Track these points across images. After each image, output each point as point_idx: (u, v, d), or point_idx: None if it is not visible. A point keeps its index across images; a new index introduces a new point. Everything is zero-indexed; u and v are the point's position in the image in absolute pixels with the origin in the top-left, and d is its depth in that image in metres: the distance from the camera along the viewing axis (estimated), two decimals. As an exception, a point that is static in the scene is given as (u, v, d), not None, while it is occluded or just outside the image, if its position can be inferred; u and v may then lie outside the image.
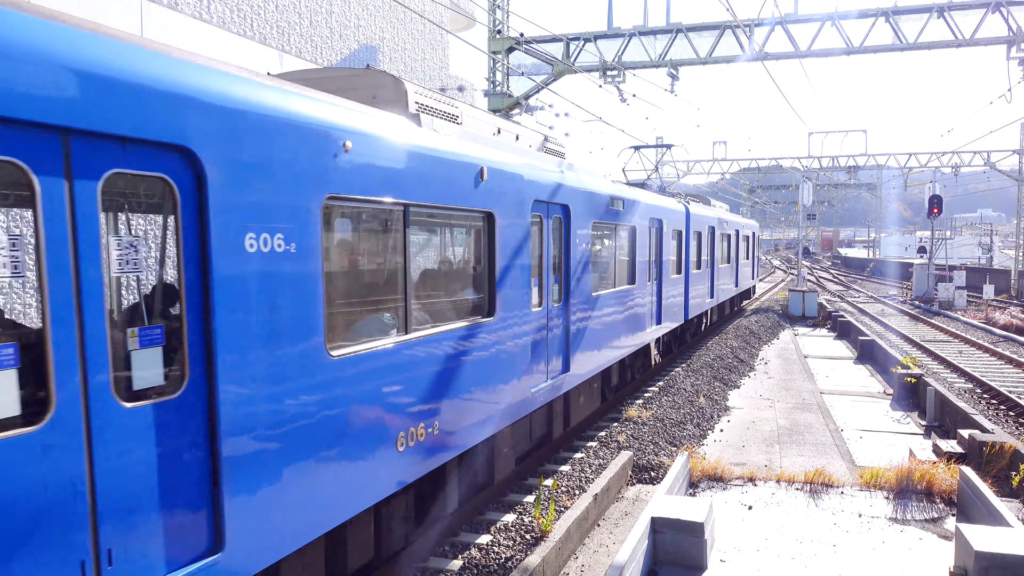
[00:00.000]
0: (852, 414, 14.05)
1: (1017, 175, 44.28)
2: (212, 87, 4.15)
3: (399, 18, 19.02)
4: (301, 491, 4.80)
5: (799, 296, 31.27)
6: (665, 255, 16.17)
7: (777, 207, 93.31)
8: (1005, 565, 6.41)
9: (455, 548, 7.69)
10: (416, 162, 6.13)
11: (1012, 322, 27.97)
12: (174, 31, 11.81)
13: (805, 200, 39.93)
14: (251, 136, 4.37)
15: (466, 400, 7.15)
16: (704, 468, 9.91)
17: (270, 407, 4.54)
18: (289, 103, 4.76)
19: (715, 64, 22.78)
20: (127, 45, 3.76)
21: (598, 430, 12.51)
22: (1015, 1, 20.34)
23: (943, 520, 8.53)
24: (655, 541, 7.28)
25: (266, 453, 4.52)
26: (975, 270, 51.55)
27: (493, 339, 7.67)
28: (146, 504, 3.76)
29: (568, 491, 9.26)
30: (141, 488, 3.74)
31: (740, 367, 18.36)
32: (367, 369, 5.50)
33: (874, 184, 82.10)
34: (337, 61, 16.40)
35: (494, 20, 22.93)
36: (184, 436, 4.00)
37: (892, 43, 21.38)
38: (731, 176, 62.69)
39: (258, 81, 4.63)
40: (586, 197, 10.59)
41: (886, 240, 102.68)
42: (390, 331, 6.06)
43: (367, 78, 7.07)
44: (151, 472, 3.79)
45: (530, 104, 22.65)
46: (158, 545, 3.83)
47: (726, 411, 14.09)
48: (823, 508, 8.88)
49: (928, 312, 33.62)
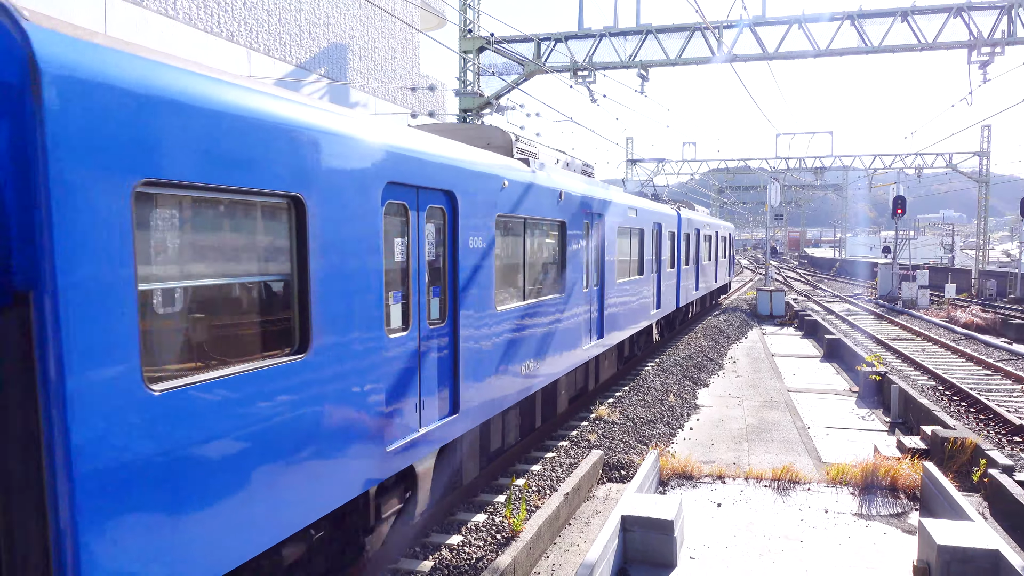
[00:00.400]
0: (819, 411, 14.26)
1: (978, 176, 45.27)
2: (465, 158, 7.80)
3: (369, 16, 18.89)
4: (497, 386, 8.59)
5: (767, 295, 31.67)
6: (663, 253, 19.20)
7: (745, 207, 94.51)
8: (966, 558, 6.54)
9: (426, 549, 7.66)
10: (530, 191, 9.63)
11: (973, 320, 28.58)
12: (138, 27, 11.61)
13: (773, 201, 40.41)
14: (471, 182, 7.81)
15: (557, 344, 10.80)
16: (674, 466, 9.98)
17: (482, 335, 8.15)
18: (488, 160, 8.44)
19: (684, 65, 22.98)
20: (442, 144, 7.38)
21: (569, 429, 12.54)
22: (976, 6, 20.80)
23: (907, 515, 8.69)
24: (625, 539, 7.32)
25: (481, 361, 8.16)
26: (937, 270, 52.61)
27: (567, 309, 11.28)
28: (437, 380, 7.20)
29: (539, 491, 9.27)
30: (434, 370, 7.14)
31: (709, 366, 18.53)
32: (513, 316, 9.10)
33: (840, 185, 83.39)
34: (307, 59, 16.25)
35: (465, 19, 22.88)
36: (446, 347, 7.39)
37: (857, 46, 21.75)
38: (700, 177, 63.27)
39: (475, 150, 8.33)
40: (614, 208, 13.88)
41: (852, 240, 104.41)
42: (516, 298, 9.56)
43: (484, 130, 10.36)
44: (436, 364, 7.18)
45: (501, 104, 22.64)
46: (442, 401, 7.33)
47: (695, 409, 14.21)
48: (790, 504, 9.00)
49: (892, 311, 34.22)
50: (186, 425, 4.06)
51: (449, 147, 7.55)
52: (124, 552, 3.71)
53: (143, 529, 3.82)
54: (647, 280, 17.28)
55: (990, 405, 14.20)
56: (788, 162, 51.16)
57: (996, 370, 18.58)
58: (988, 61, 21.06)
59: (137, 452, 3.76)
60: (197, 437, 4.14)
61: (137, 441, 3.76)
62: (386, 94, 19.78)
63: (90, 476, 3.50)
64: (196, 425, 4.13)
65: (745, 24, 21.97)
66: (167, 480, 3.95)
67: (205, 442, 4.20)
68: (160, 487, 3.91)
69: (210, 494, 4.24)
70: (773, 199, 40.18)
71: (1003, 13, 20.64)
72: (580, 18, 23.69)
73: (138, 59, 3.90)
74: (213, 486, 4.27)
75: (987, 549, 6.55)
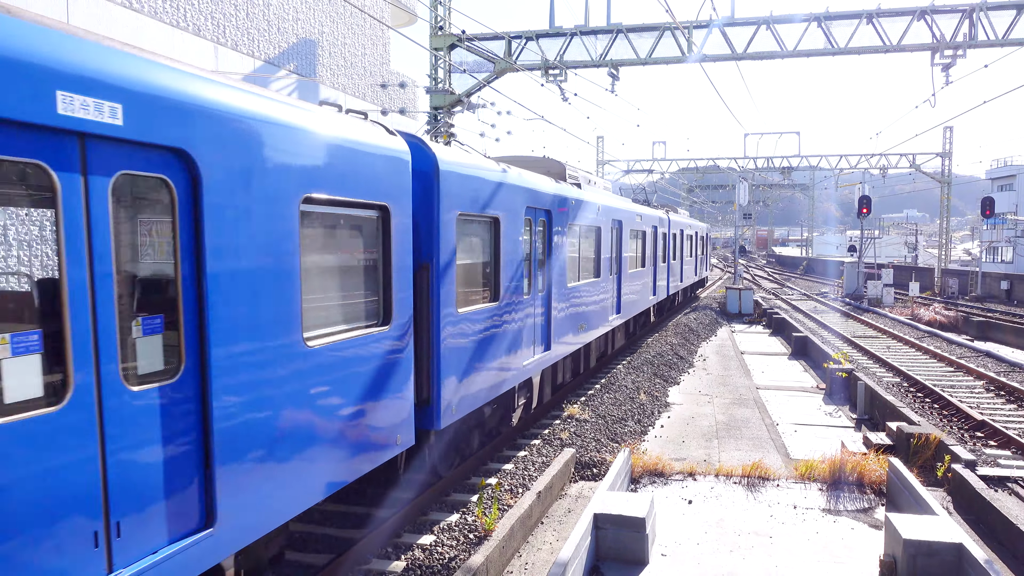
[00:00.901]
0: (787, 408, 14.43)
1: (940, 177, 46.17)
2: (568, 194, 12.55)
3: (339, 12, 18.71)
4: (564, 337, 12.56)
5: (736, 294, 32.00)
6: (658, 249, 22.95)
7: (714, 206, 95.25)
8: (931, 552, 6.66)
9: (398, 549, 7.60)
10: (583, 206, 13.67)
11: (936, 318, 29.16)
12: (101, 20, 11.37)
13: (741, 200, 40.86)
14: (561, 202, 12.08)
15: (596, 316, 15.12)
16: (645, 464, 10.03)
17: (560, 304, 12.16)
18: (570, 192, 12.72)
19: (655, 65, 23.11)
20: (545, 181, 11.66)
21: (541, 428, 12.54)
22: (939, 9, 21.20)
23: (873, 510, 8.82)
24: (598, 537, 7.33)
25: (560, 319, 12.28)
26: (902, 268, 53.61)
27: (601, 291, 15.43)
28: (541, 331, 11.53)
29: (511, 489, 9.26)
30: (540, 324, 11.38)
31: (680, 364, 18.67)
32: (575, 291, 13.28)
33: (807, 185, 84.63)
34: (275, 55, 16.05)
35: (435, 16, 22.78)
36: (543, 313, 11.46)
37: (824, 47, 22.05)
38: (670, 176, 63.75)
39: (563, 185, 12.49)
40: (628, 215, 17.96)
41: (818, 239, 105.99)
42: (573, 280, 13.29)
43: (544, 161, 13.87)
44: (541, 320, 11.48)
45: (472, 102, 22.57)
46: (541, 345, 11.65)
47: (666, 407, 14.30)
48: (760, 501, 9.09)
49: (858, 309, 34.78)
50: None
51: (548, 183, 11.78)
52: (454, 373, 8.26)
53: (463, 366, 8.51)
54: (647, 271, 21.25)
55: (953, 401, 14.49)
56: (756, 162, 51.79)
57: (959, 367, 18.96)
58: (951, 63, 21.49)
59: (457, 336, 8.30)
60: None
61: (455, 328, 8.24)
62: (356, 91, 19.61)
63: (447, 344, 8.00)
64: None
65: (715, 25, 22.16)
66: (484, 344, 9.12)
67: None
68: (482, 349, 9.05)
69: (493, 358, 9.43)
70: (742, 198, 40.64)
71: (965, 16, 21.07)
72: (551, 16, 23.71)
73: (463, 157, 8.53)
74: (492, 352, 9.35)
75: (951, 543, 6.67)
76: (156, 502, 4.19)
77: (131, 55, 4.11)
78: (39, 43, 3.55)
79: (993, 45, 21.08)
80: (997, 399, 15.37)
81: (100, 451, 3.83)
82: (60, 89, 3.56)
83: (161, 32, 12.63)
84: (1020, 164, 73.66)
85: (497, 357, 9.55)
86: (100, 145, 3.80)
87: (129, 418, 4.01)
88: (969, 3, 20.98)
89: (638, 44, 22.97)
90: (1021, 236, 55.33)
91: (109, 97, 3.81)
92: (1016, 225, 61.39)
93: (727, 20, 22.19)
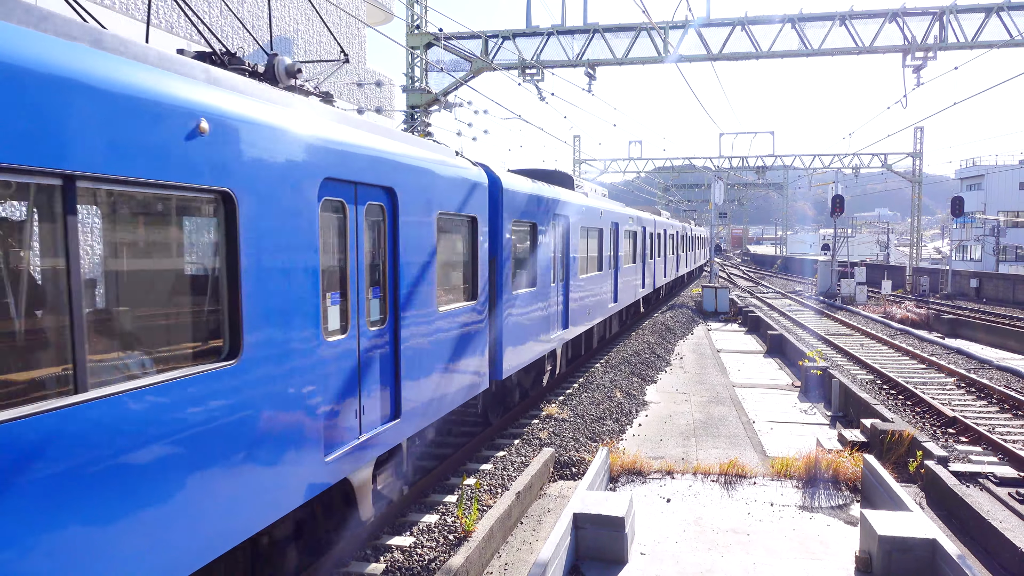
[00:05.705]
0: (763, 406, 14.56)
1: (911, 176, 46.85)
2: (580, 202, 15.57)
3: (314, 9, 18.57)
4: (581, 317, 15.71)
5: (712, 292, 32.25)
6: (647, 247, 25.66)
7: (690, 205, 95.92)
8: (906, 548, 6.75)
9: (377, 551, 7.56)
10: (590, 211, 16.06)
11: (908, 316, 29.59)
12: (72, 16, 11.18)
13: (717, 199, 41.14)
14: (576, 210, 15.05)
15: (599, 304, 17.64)
16: (624, 463, 10.06)
17: (576, 292, 15.27)
18: (587, 201, 16.46)
19: (631, 65, 23.20)
20: (568, 193, 15.05)
21: (520, 427, 12.54)
22: (910, 12, 21.50)
23: (849, 506, 8.92)
24: (577, 537, 7.35)
25: (578, 302, 15.35)
26: (874, 267, 54.31)
27: (603, 283, 17.93)
28: (560, 316, 14.22)
29: (491, 490, 9.24)
30: (561, 308, 14.34)
31: (657, 362, 18.77)
32: (588, 281, 16.21)
33: (781, 184, 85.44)
34: (250, 53, 15.88)
35: (412, 15, 22.68)
36: (562, 301, 14.28)
37: (798, 48, 22.27)
38: (646, 175, 64.06)
39: (575, 193, 15.84)
40: (622, 218, 20.37)
41: (792, 238, 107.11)
42: (589, 270, 16.32)
43: (557, 173, 16.35)
44: (561, 303, 14.28)
45: (449, 101, 22.50)
46: (560, 323, 14.27)
47: (644, 406, 14.37)
48: (737, 499, 9.15)
49: (832, 307, 35.19)
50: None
51: (567, 193, 14.57)
52: (510, 338, 11.02)
53: (514, 333, 11.23)
54: (639, 267, 23.94)
55: (925, 398, 14.69)
56: (731, 161, 52.21)
57: (930, 364, 19.25)
58: (922, 65, 21.81)
59: (512, 311, 11.12)
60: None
61: (511, 306, 11.08)
62: (332, 89, 19.48)
63: (507, 316, 10.83)
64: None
65: (691, 25, 22.30)
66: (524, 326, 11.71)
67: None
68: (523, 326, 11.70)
69: (527, 336, 12.03)
70: (717, 197, 40.91)
71: (935, 19, 21.38)
72: (528, 16, 23.70)
73: (515, 179, 11.30)
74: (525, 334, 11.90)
75: (925, 538, 6.77)
76: (376, 397, 6.86)
77: (371, 134, 6.86)
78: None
79: (963, 47, 21.44)
80: (968, 396, 15.62)
81: (357, 361, 6.48)
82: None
83: (133, 29, 12.45)
84: (988, 164, 75.01)
85: (534, 330, 12.32)
86: (361, 188, 6.50)
87: (367, 345, 6.68)
88: (940, 5, 21.31)
89: (615, 44, 23.05)
90: (989, 235, 56.36)
91: (368, 164, 6.57)
92: (984, 224, 62.50)
93: (703, 21, 22.34)
